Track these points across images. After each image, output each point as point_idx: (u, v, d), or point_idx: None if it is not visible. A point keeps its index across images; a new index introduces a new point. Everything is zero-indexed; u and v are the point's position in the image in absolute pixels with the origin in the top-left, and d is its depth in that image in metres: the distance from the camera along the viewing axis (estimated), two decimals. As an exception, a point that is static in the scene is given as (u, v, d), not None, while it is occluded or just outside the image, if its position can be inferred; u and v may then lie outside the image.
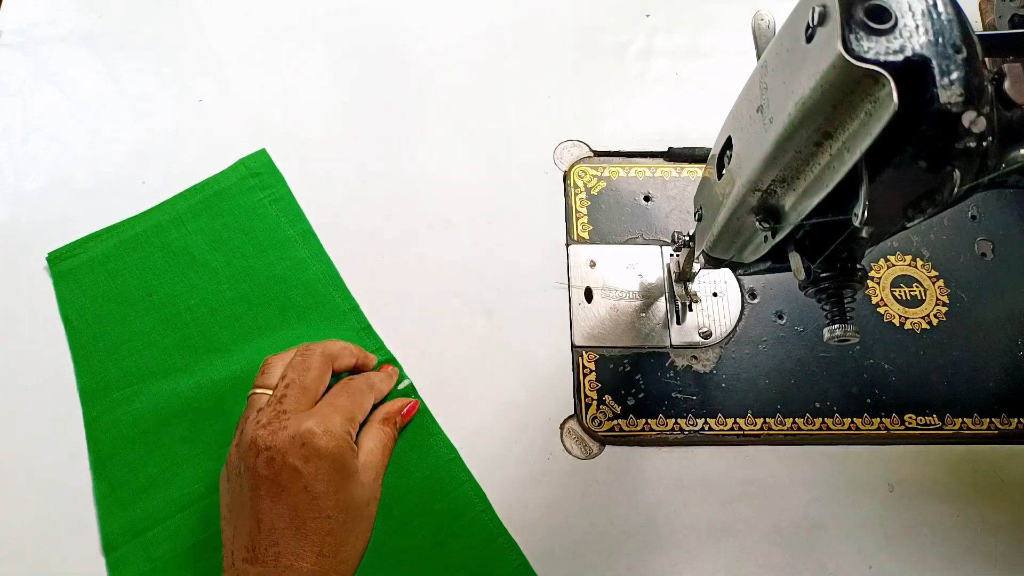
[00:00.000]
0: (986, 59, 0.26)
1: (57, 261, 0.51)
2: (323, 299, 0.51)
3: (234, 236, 0.52)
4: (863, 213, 0.27)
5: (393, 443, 0.44)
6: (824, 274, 0.34)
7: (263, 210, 0.53)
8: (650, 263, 0.53)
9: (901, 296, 0.52)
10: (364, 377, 0.45)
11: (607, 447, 0.48)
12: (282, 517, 0.37)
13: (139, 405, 0.47)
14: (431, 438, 0.47)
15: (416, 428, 0.47)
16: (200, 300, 0.50)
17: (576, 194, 0.55)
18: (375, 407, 0.45)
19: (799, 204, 0.31)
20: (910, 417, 0.49)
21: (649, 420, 0.48)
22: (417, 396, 0.48)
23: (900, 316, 0.52)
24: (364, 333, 0.50)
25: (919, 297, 0.52)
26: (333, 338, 0.48)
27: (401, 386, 0.48)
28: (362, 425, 0.43)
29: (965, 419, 0.49)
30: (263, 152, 0.55)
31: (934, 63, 0.24)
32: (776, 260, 0.37)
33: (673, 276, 0.50)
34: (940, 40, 0.24)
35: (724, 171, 0.35)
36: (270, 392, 0.41)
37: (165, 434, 0.46)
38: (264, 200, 0.53)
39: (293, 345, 0.45)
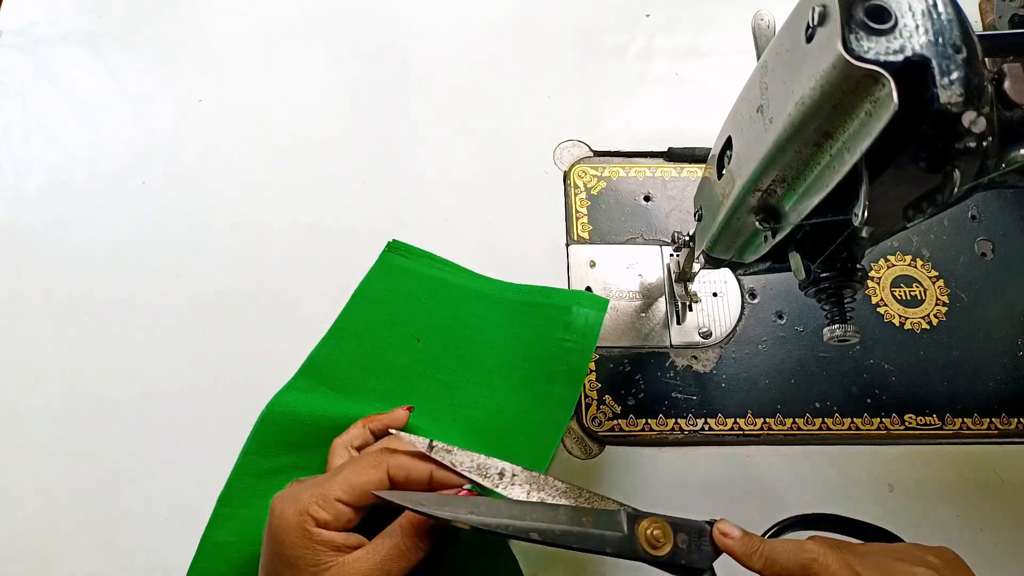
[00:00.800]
0: (986, 59, 0.26)
1: (394, 250, 0.51)
2: (537, 446, 0.45)
3: (529, 352, 0.48)
4: (863, 213, 0.27)
5: (410, 558, 0.33)
6: (824, 274, 0.34)
7: (554, 347, 0.48)
8: (650, 263, 0.53)
9: (901, 296, 0.52)
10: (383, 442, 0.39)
11: (607, 447, 0.48)
12: None
13: (328, 407, 0.44)
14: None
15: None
16: (452, 373, 0.48)
17: (576, 194, 0.55)
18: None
19: (799, 204, 0.31)
20: (910, 417, 0.49)
21: (649, 420, 0.48)
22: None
23: (900, 316, 0.52)
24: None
25: (919, 297, 0.52)
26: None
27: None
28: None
29: (965, 419, 0.49)
30: (603, 308, 0.49)
31: (934, 63, 0.24)
32: (776, 260, 0.37)
33: (673, 276, 0.50)
34: (940, 40, 0.24)
35: (724, 171, 0.35)
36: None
37: (319, 439, 0.43)
38: (563, 342, 0.48)
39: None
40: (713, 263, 0.41)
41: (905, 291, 0.52)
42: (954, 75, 0.24)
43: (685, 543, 0.34)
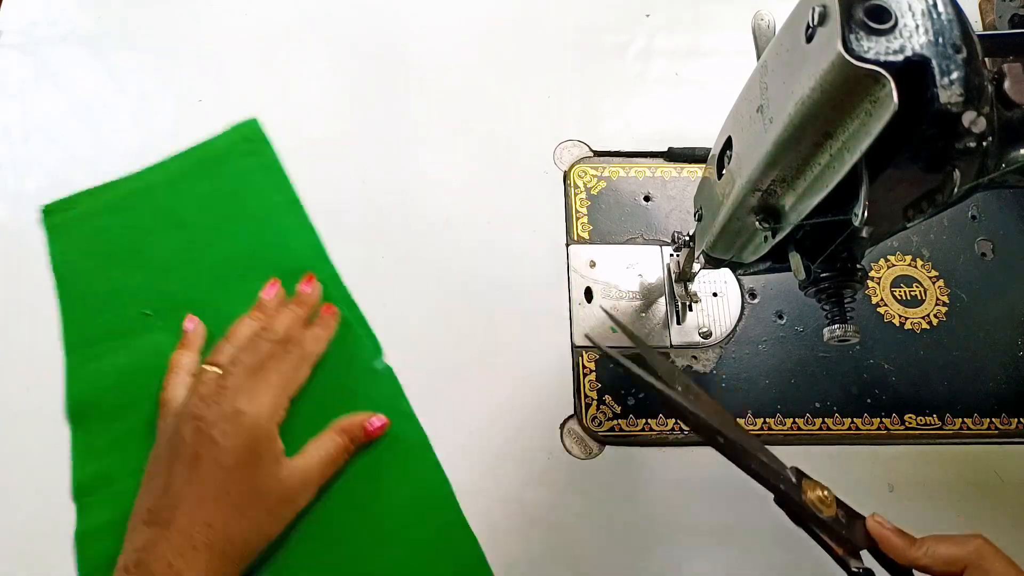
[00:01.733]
0: (986, 59, 0.26)
1: (51, 214, 0.52)
2: (304, 266, 0.51)
3: (222, 200, 0.53)
4: (863, 213, 0.27)
5: (343, 456, 0.44)
6: (824, 274, 0.34)
7: (252, 176, 0.54)
8: (650, 263, 0.53)
9: (901, 296, 0.52)
10: (296, 345, 0.46)
11: (607, 447, 0.48)
12: (189, 484, 0.39)
13: (120, 359, 0.48)
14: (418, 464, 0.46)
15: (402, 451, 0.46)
16: (185, 261, 0.51)
17: (576, 194, 0.55)
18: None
19: (799, 204, 0.31)
20: (910, 417, 0.49)
21: (649, 420, 0.48)
22: (394, 382, 0.48)
23: (900, 316, 0.52)
24: (343, 304, 0.50)
25: (919, 297, 0.52)
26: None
27: (379, 366, 0.48)
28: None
29: (965, 419, 0.49)
30: (254, 121, 0.56)
31: (934, 63, 0.24)
32: (776, 260, 0.37)
33: (673, 276, 0.50)
34: (940, 40, 0.24)
35: (724, 171, 0.35)
36: (215, 369, 0.43)
37: (142, 389, 0.46)
38: (253, 166, 0.54)
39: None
40: (713, 263, 0.41)
41: (905, 291, 0.52)
42: (954, 75, 0.24)
43: (844, 519, 0.34)
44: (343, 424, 0.45)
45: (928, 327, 0.52)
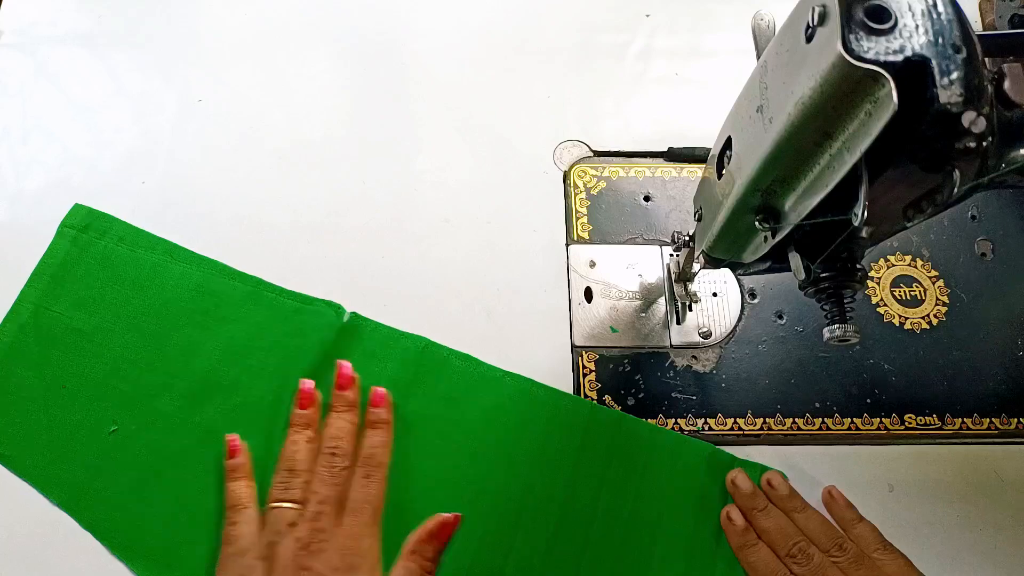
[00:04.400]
0: (986, 59, 0.26)
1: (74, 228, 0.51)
2: (225, 294, 0.49)
3: (106, 291, 0.49)
4: (863, 213, 0.27)
5: None
6: (824, 274, 0.34)
7: (115, 255, 0.50)
8: (650, 263, 0.53)
9: (901, 296, 0.52)
10: (368, 461, 0.44)
11: (607, 447, 0.48)
12: None
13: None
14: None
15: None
16: (114, 363, 0.47)
17: (576, 194, 0.55)
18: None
19: (799, 204, 0.31)
20: (910, 417, 0.49)
21: (649, 420, 0.48)
22: (366, 321, 0.49)
23: (900, 316, 0.52)
24: (281, 296, 0.49)
25: (919, 297, 0.52)
26: (260, 315, 0.49)
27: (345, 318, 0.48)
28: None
29: (965, 419, 0.49)
30: (78, 207, 0.52)
31: (934, 63, 0.24)
32: (776, 260, 0.37)
33: (673, 276, 0.50)
34: (940, 40, 0.24)
35: (724, 171, 0.35)
36: (293, 506, 0.42)
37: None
38: (110, 245, 0.51)
39: (231, 353, 0.47)
40: (713, 263, 0.41)
41: (905, 291, 0.52)
42: (954, 75, 0.24)
43: None
44: (412, 546, 0.42)
45: (928, 327, 0.52)
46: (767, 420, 0.48)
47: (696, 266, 0.47)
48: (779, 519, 0.44)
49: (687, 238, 0.46)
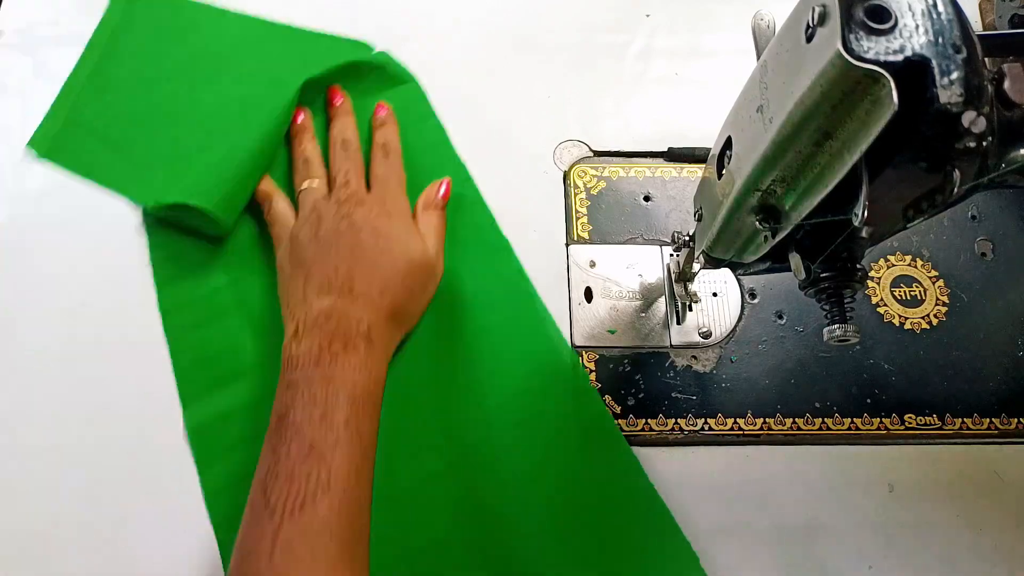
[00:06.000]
0: (986, 59, 0.26)
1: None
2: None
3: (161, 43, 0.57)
4: (863, 213, 0.27)
5: (442, 223, 0.50)
6: (824, 274, 0.34)
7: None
8: (650, 263, 0.53)
9: (901, 296, 0.52)
10: (393, 150, 0.52)
11: (607, 447, 0.48)
12: (360, 262, 0.44)
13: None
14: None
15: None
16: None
17: (576, 194, 0.55)
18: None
19: (799, 204, 0.31)
20: (910, 417, 0.49)
21: (649, 420, 0.48)
22: (394, 64, 0.57)
23: (900, 316, 0.52)
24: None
25: (919, 297, 0.52)
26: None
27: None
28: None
29: (965, 419, 0.49)
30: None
31: (934, 63, 0.24)
32: (776, 260, 0.37)
33: (673, 276, 0.50)
34: (940, 40, 0.24)
35: (724, 171, 0.35)
36: (321, 181, 0.49)
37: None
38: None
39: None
40: (713, 263, 0.41)
41: (905, 291, 0.52)
42: (954, 75, 0.24)
43: None
44: (424, 201, 0.51)
45: (928, 327, 0.52)
46: (767, 420, 0.48)
47: (696, 266, 0.47)
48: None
49: (687, 238, 0.46)
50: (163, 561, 0.44)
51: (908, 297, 0.52)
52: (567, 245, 0.53)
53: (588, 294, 0.52)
